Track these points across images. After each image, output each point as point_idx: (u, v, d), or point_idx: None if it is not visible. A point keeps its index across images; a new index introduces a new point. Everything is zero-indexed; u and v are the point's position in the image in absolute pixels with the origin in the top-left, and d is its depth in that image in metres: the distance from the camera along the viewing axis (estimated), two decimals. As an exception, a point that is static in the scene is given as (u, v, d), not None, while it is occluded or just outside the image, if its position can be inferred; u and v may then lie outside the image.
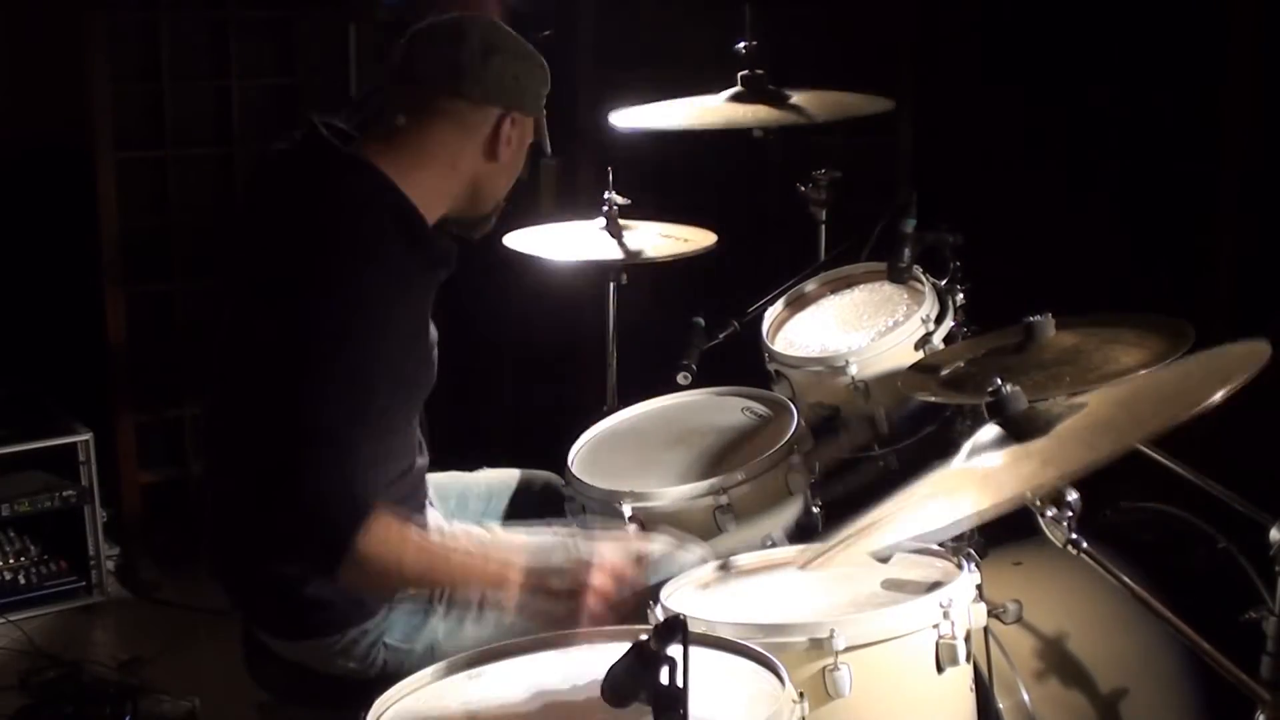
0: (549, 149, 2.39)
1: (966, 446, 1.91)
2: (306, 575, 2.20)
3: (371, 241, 2.12)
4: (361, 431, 2.04)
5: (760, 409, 2.77)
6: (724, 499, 2.47)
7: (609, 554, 2.15)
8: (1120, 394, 1.91)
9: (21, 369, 4.23)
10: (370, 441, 2.06)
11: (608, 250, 3.05)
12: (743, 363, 2.92)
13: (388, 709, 1.81)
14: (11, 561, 3.99)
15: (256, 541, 2.24)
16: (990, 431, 1.88)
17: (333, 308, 2.06)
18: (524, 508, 2.65)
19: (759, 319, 2.94)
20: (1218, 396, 1.64)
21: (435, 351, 2.31)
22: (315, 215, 2.16)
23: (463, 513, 2.56)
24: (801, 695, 1.73)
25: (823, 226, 3.17)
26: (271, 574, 2.24)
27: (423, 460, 2.37)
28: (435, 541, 2.21)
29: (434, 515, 2.39)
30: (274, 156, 2.32)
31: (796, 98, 2.90)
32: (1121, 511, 2.60)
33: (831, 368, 2.68)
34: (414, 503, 2.32)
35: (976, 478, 1.82)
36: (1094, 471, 1.70)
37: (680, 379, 2.84)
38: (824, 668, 1.90)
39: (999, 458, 1.84)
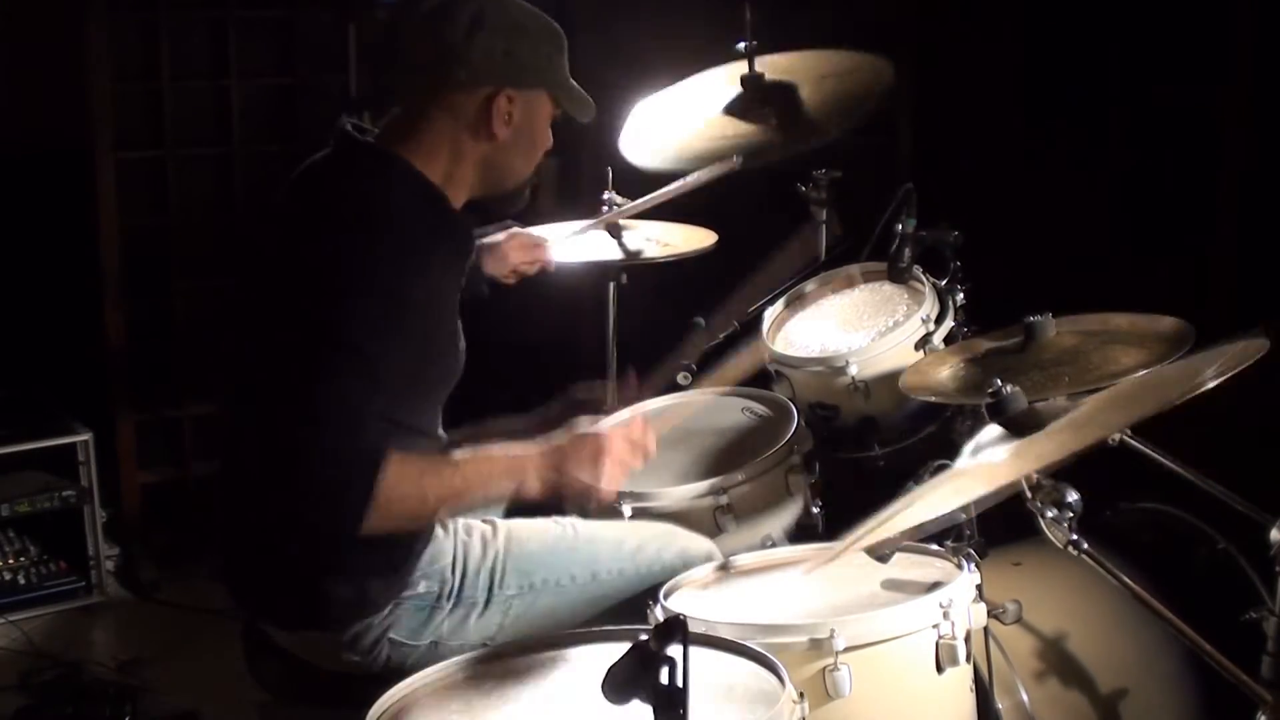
0: (583, 117, 2.34)
1: (968, 447, 1.91)
2: (318, 562, 2.20)
3: (391, 216, 2.14)
4: (370, 390, 2.05)
5: (760, 409, 2.77)
6: (724, 499, 2.47)
7: (616, 423, 2.28)
8: (1117, 391, 1.91)
9: (21, 369, 4.22)
10: (380, 400, 2.06)
11: (608, 250, 3.05)
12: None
13: (388, 709, 1.81)
14: (11, 561, 3.98)
15: (268, 530, 2.25)
16: (991, 431, 1.89)
17: (348, 276, 2.08)
18: (523, 506, 2.64)
19: (759, 319, 2.94)
20: (1208, 375, 1.64)
21: (461, 343, 2.31)
22: (343, 202, 2.18)
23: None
24: (801, 695, 1.73)
25: (823, 226, 3.17)
26: (280, 564, 2.24)
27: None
28: (448, 460, 2.22)
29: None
30: (310, 166, 2.32)
31: (794, 73, 2.88)
32: (1121, 511, 2.60)
33: (831, 368, 2.68)
34: None
35: (974, 474, 1.83)
36: (1091, 462, 1.70)
37: (680, 379, 2.84)
38: (824, 668, 1.90)
39: (999, 454, 1.84)
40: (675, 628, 1.49)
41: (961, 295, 2.70)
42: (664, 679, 1.47)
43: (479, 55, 2.20)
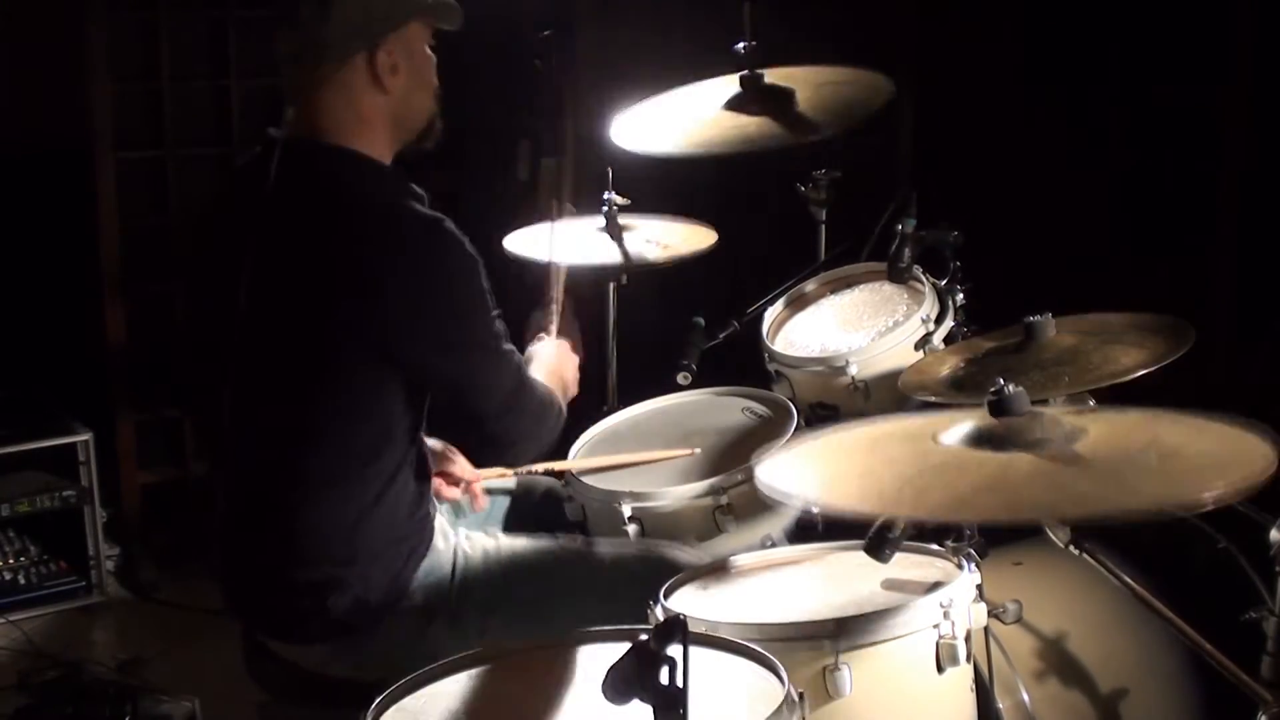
0: (453, 24, 2.33)
1: (962, 429, 1.87)
2: (317, 576, 2.20)
3: (399, 215, 2.19)
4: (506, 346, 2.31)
5: (760, 409, 2.77)
6: (724, 499, 2.47)
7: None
8: (1128, 431, 1.82)
9: (21, 369, 4.23)
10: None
11: (607, 251, 3.04)
12: (743, 363, 2.91)
13: (388, 709, 1.81)
14: (11, 561, 3.99)
15: (267, 546, 2.24)
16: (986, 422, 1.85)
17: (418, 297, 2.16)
18: (523, 514, 2.64)
19: (759, 319, 2.94)
20: (1208, 498, 1.60)
21: None
22: (367, 218, 2.19)
23: (460, 517, 2.56)
24: (801, 695, 1.73)
25: (823, 226, 3.17)
26: (275, 578, 2.24)
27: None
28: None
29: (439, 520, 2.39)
30: (272, 179, 2.30)
31: (794, 80, 2.87)
32: (1122, 511, 2.59)
33: (831, 368, 2.68)
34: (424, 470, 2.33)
35: (983, 472, 1.79)
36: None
37: (680, 379, 2.84)
38: (824, 668, 1.90)
39: (998, 455, 1.81)
40: (675, 628, 1.48)
41: (961, 295, 2.69)
42: (664, 679, 1.47)
43: (339, 29, 2.21)
